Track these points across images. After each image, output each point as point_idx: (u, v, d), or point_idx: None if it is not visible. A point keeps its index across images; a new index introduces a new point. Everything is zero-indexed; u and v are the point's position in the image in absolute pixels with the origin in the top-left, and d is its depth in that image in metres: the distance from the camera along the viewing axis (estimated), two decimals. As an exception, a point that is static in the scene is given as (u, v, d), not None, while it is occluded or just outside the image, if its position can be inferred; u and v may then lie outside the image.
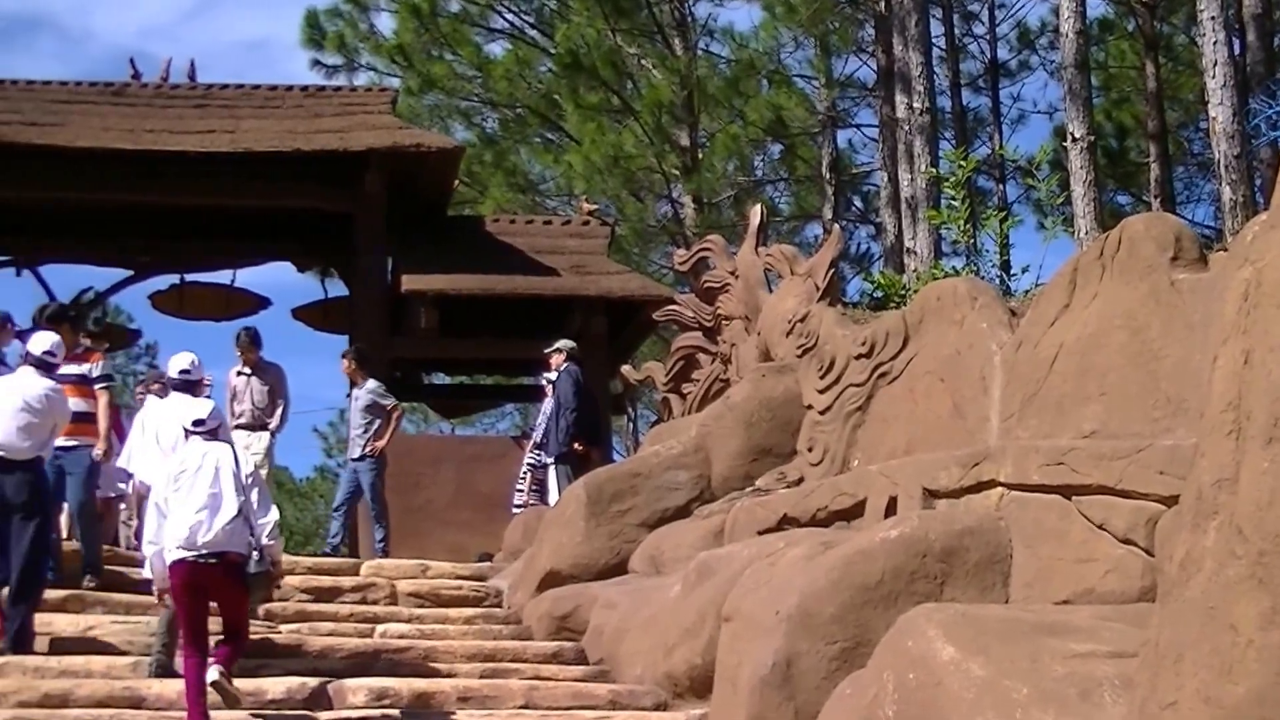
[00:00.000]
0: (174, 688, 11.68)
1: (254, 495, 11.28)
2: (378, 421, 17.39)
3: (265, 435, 17.65)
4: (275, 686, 11.93)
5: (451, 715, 11.64)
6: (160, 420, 13.68)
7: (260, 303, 23.72)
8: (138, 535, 13.07)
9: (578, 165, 30.44)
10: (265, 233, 22.88)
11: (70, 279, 24.82)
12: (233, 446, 11.75)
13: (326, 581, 14.68)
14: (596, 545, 14.16)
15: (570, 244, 22.57)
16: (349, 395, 18.37)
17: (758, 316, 15.19)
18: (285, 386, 17.89)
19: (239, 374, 17.76)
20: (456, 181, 23.80)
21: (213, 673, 10.83)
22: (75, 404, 13.67)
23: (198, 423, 11.44)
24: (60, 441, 13.43)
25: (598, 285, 21.53)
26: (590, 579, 14.00)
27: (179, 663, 11.33)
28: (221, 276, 23.87)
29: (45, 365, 12.88)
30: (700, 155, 31.78)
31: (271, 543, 11.33)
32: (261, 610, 13.00)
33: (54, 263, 23.99)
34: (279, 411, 17.74)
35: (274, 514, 11.51)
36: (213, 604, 11.13)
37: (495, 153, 32.82)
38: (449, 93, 32.30)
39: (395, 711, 11.68)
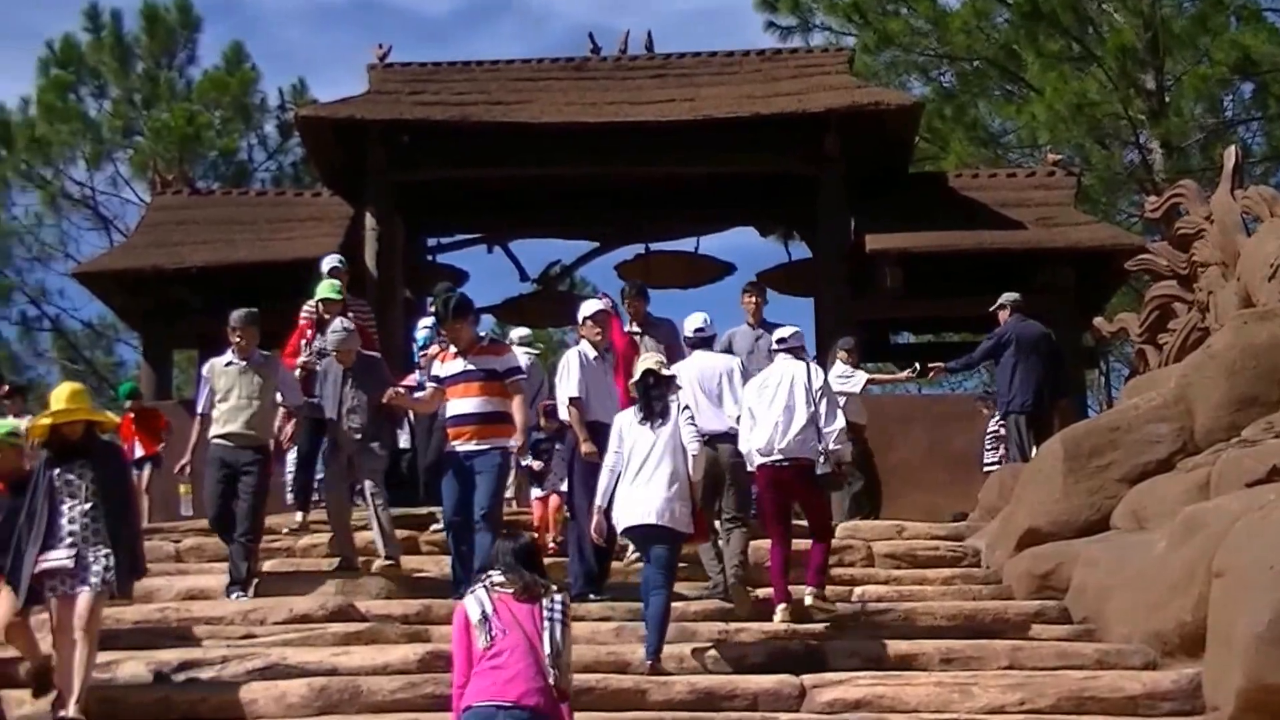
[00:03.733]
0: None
1: (823, 406, 12.67)
2: None
3: None
4: (757, 649, 11.94)
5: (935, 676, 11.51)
6: (690, 376, 13.25)
7: (725, 269, 23.81)
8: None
9: (1040, 115, 29.72)
10: (726, 199, 22.95)
11: (539, 253, 25.30)
12: (808, 363, 13.11)
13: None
14: (1076, 501, 13.76)
15: (1035, 196, 22.04)
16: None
17: (1236, 262, 14.54)
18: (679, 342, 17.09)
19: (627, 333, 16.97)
20: (917, 138, 23.45)
21: (807, 598, 12.50)
22: (483, 403, 13.17)
23: (780, 341, 13.18)
24: (470, 445, 13.10)
25: (1065, 237, 20.96)
26: (1070, 536, 13.62)
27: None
28: (685, 244, 24.04)
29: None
30: (1167, 98, 30.70)
31: (838, 448, 12.74)
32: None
33: (523, 238, 24.56)
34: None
35: (840, 422, 12.76)
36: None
37: (954, 107, 32.25)
38: (905, 48, 31.83)
39: (878, 673, 11.57)
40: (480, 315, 15.53)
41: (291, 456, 16.12)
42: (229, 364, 13.94)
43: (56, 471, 10.98)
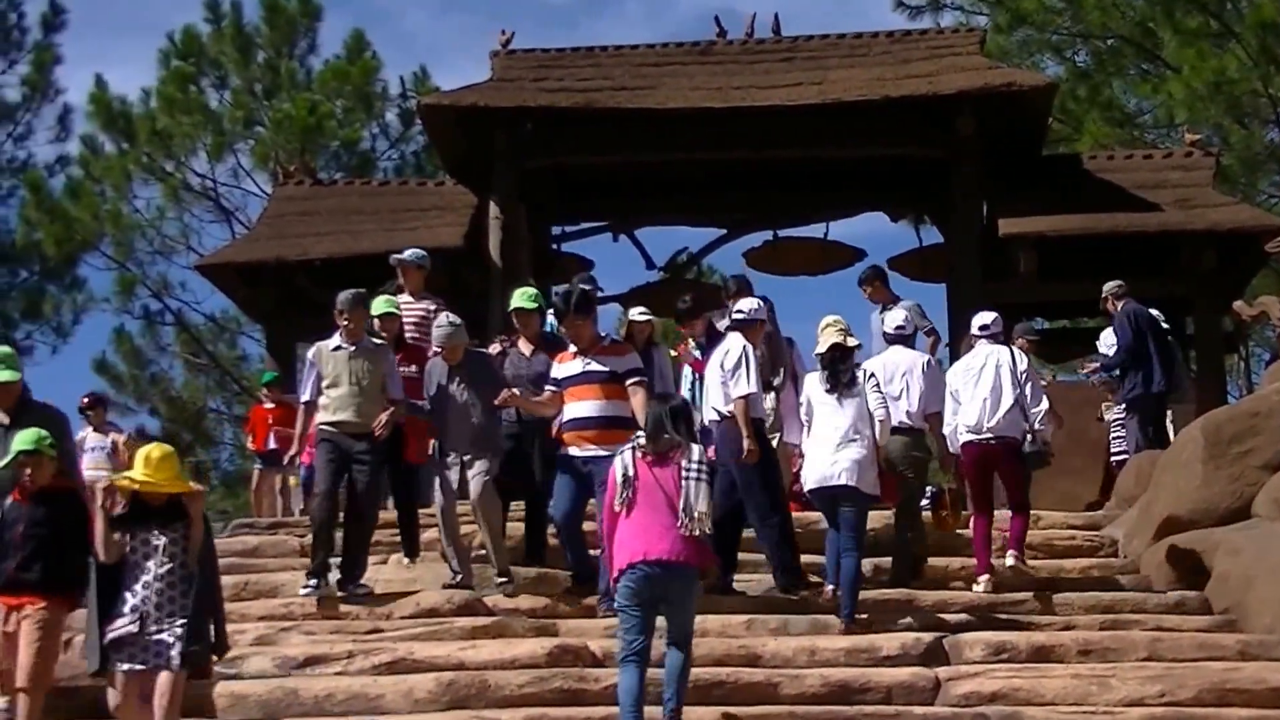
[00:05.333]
0: (790, 645, 11.69)
1: (1028, 388, 13.52)
2: None
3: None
4: (890, 642, 11.78)
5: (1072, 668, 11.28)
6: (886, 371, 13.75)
7: (855, 254, 23.50)
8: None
9: (1178, 94, 29.11)
10: (857, 183, 22.68)
11: (665, 241, 25.13)
12: (1011, 349, 13.86)
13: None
14: (1216, 489, 13.53)
15: (1173, 177, 21.56)
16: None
17: (1380, 241, 14.20)
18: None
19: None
20: (1051, 119, 23.04)
21: (1009, 559, 13.18)
22: (603, 406, 12.73)
23: (983, 327, 13.91)
24: (589, 450, 12.59)
25: (1204, 219, 20.47)
26: (1211, 524, 13.40)
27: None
28: (815, 230, 23.78)
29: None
30: (1310, 76, 30.05)
31: (1042, 428, 13.52)
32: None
33: (649, 225, 24.38)
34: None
35: (1044, 404, 13.55)
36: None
37: (1089, 87, 31.70)
38: (1039, 27, 31.33)
39: (1014, 665, 11.39)
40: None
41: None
42: (337, 349, 13.40)
43: (132, 532, 10.23)
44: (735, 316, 13.50)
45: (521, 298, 14.07)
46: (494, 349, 14.54)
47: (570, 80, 21.52)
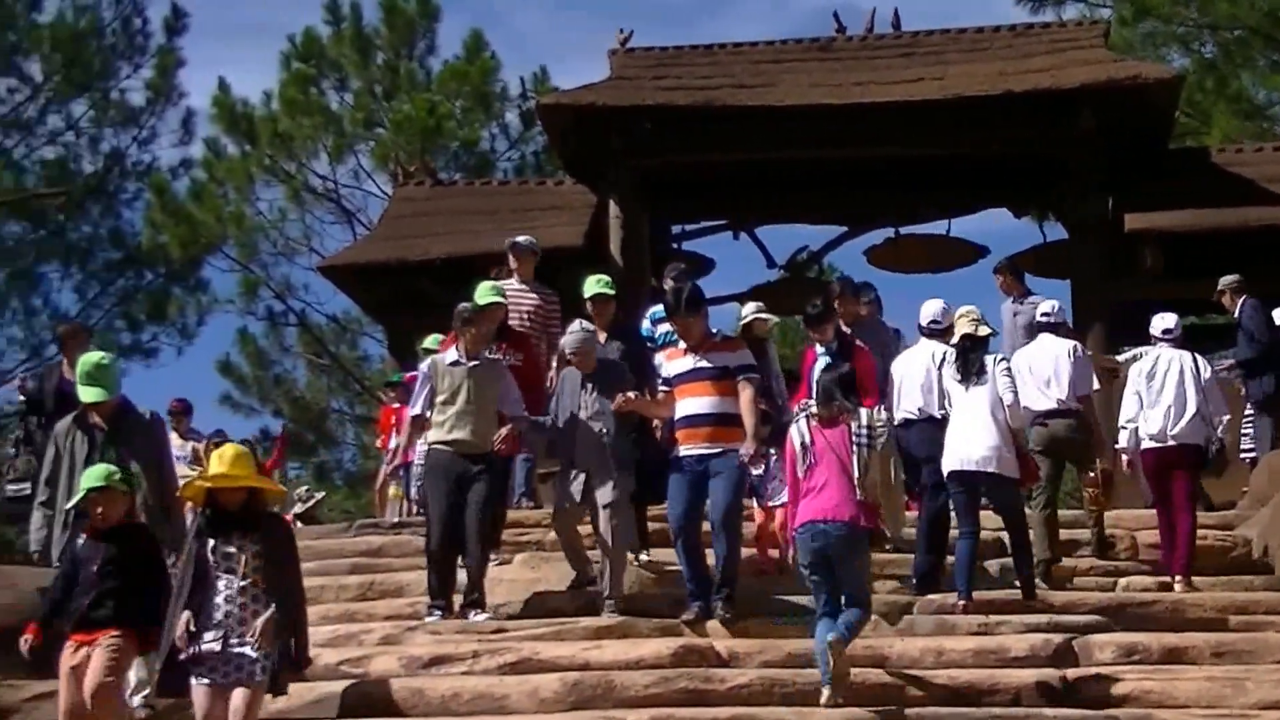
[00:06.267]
0: (916, 646, 11.60)
1: (1213, 396, 13.78)
2: None
3: None
4: (1018, 643, 11.67)
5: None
6: (1024, 361, 14.06)
7: (978, 251, 23.32)
8: None
9: (1309, 86, 28.72)
10: (978, 179, 22.50)
11: (785, 239, 25.02)
12: (1194, 353, 13.98)
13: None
14: (1350, 487, 13.31)
15: (1307, 171, 21.20)
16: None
17: None
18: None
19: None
20: (1177, 113, 22.73)
21: (1178, 587, 13.14)
22: (716, 403, 12.31)
23: (1166, 331, 14.10)
24: (702, 449, 12.25)
25: (1338, 214, 20.12)
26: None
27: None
28: (936, 227, 23.61)
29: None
30: None
31: (1223, 436, 13.91)
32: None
33: (769, 223, 24.33)
34: None
35: (1227, 413, 13.94)
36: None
37: (1216, 79, 31.22)
38: (1164, 19, 30.92)
39: (1145, 667, 11.24)
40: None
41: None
42: (454, 363, 12.96)
43: (211, 543, 9.87)
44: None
45: (598, 284, 13.99)
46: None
47: (689, 78, 21.48)
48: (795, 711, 10.62)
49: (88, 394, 11.28)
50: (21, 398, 15.62)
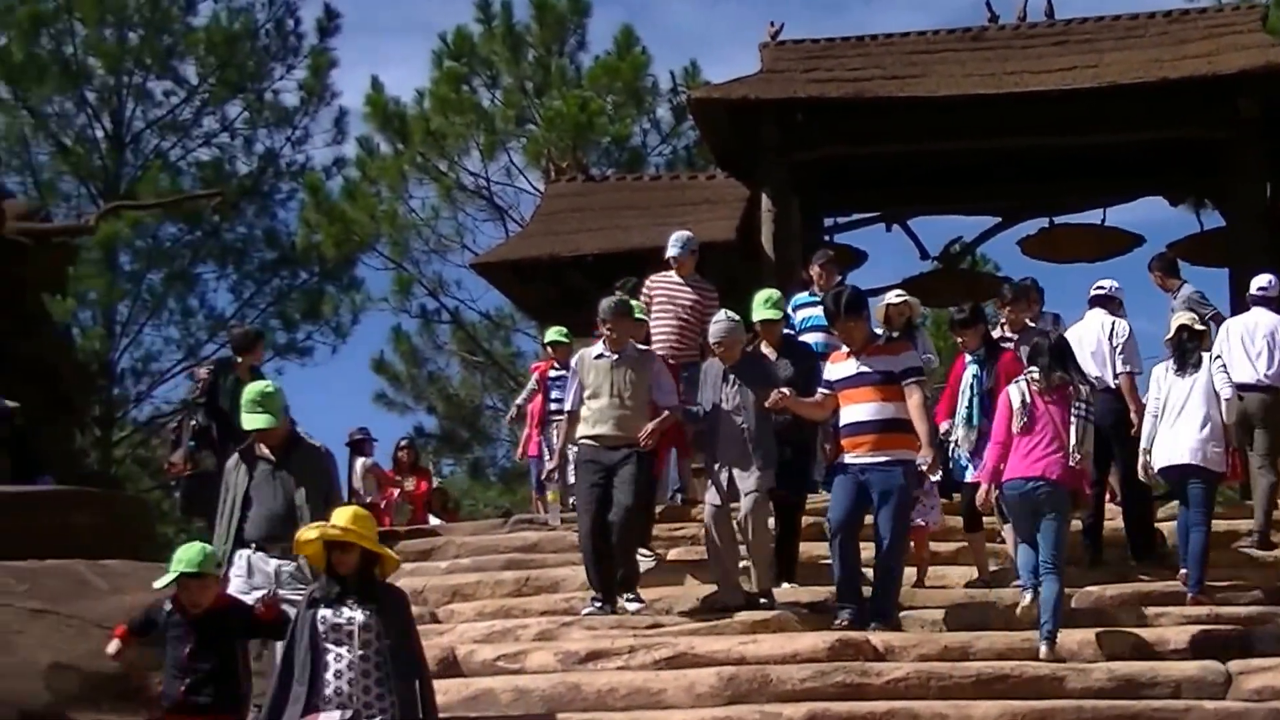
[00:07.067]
0: (1074, 638, 11.53)
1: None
2: None
3: None
4: (1179, 635, 11.66)
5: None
6: (1239, 330, 14.40)
7: (1133, 240, 23.05)
8: None
9: None
10: (1134, 167, 22.18)
11: (939, 230, 24.82)
12: None
13: (1221, 525, 13.92)
14: None
15: None
16: None
17: None
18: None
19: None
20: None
21: None
22: (880, 409, 12.10)
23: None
24: (866, 458, 12.06)
25: None
26: None
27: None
28: (1091, 216, 23.36)
29: None
30: None
31: None
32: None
33: (922, 215, 24.18)
34: None
35: None
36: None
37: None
38: (1326, 1, 30.33)
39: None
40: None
41: None
42: (599, 357, 12.90)
43: (323, 613, 9.19)
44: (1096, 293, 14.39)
45: (765, 306, 13.44)
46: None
47: (840, 70, 21.37)
48: (953, 705, 10.55)
49: (253, 421, 10.74)
50: (198, 383, 15.80)
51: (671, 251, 15.48)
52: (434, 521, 19.38)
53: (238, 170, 36.56)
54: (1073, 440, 11.61)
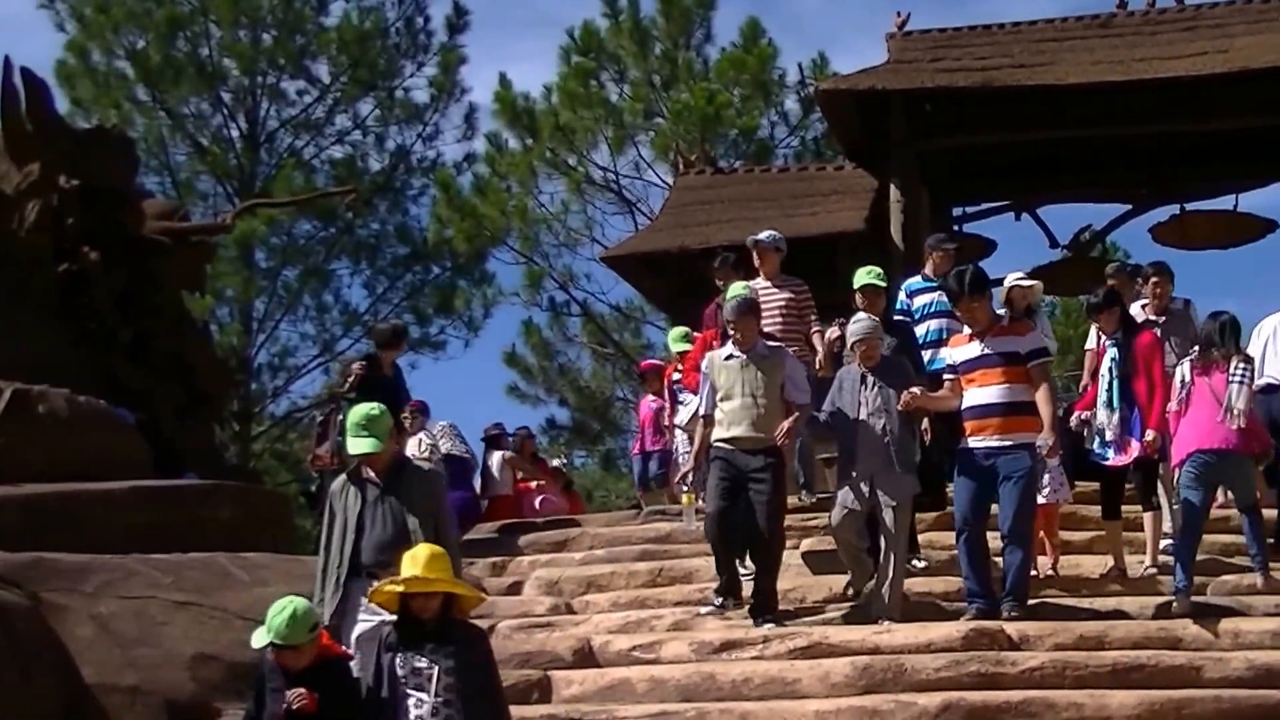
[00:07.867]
0: (1211, 627, 11.42)
1: None
2: None
3: None
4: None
5: None
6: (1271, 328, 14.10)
7: (1266, 225, 22.85)
8: None
9: None
10: (1266, 152, 21.97)
11: (1068, 218, 24.70)
12: None
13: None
14: None
15: None
16: None
17: None
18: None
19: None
20: None
21: None
22: (1005, 391, 11.92)
23: None
24: (991, 441, 11.88)
25: None
26: None
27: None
28: (1223, 202, 23.17)
29: None
30: None
31: None
32: None
33: (1051, 203, 24.09)
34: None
35: None
36: None
37: None
38: None
39: None
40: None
41: None
42: (729, 358, 12.63)
43: (400, 657, 8.71)
44: None
45: (868, 275, 13.35)
46: (832, 333, 13.95)
47: (967, 59, 21.32)
48: (1089, 694, 10.52)
49: (359, 445, 10.26)
50: (351, 378, 15.98)
51: (757, 238, 15.32)
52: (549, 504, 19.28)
53: (370, 167, 36.91)
54: (1224, 405, 12.04)
